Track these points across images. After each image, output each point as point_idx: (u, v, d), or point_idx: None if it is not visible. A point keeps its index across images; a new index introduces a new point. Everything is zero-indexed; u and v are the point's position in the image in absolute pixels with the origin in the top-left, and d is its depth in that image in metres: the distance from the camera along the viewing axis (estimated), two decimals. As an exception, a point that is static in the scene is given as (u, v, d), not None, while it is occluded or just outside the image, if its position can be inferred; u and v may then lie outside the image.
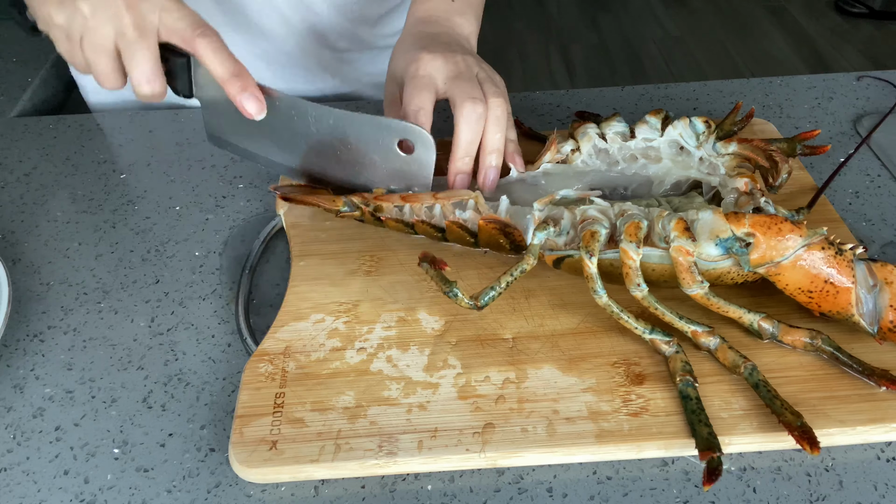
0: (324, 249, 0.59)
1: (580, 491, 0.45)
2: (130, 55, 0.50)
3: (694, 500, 0.44)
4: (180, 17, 0.50)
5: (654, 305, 0.49)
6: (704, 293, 0.49)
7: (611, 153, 0.59)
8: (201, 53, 0.51)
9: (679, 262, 0.48)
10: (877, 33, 2.75)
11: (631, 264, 0.49)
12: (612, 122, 0.60)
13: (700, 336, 0.49)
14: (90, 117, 0.79)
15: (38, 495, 0.45)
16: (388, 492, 0.45)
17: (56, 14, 0.49)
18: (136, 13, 0.49)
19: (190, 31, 0.50)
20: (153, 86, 0.52)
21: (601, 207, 0.53)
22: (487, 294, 0.50)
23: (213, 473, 0.46)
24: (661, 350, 0.49)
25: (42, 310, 0.57)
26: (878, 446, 0.46)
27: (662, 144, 0.59)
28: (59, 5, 0.49)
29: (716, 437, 0.44)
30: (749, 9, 2.96)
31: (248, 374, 0.49)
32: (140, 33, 0.49)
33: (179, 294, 0.58)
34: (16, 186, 0.70)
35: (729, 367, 0.48)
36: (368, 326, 0.53)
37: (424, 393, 0.48)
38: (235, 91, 0.51)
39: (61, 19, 0.49)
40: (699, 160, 0.58)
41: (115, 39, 0.50)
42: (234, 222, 0.65)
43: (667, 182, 0.58)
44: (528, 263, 0.51)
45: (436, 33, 0.63)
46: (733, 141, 0.57)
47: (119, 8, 0.48)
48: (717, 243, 0.48)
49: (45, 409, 0.50)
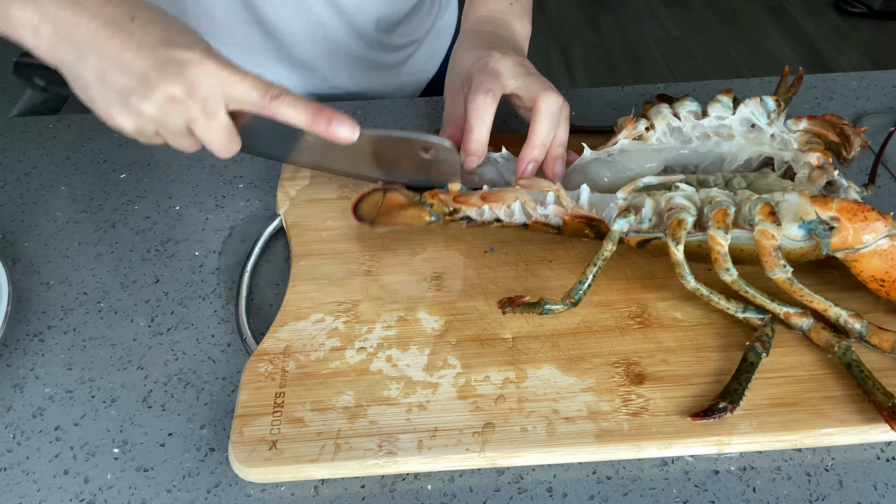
0: (324, 249, 0.59)
1: (580, 491, 0.45)
2: (206, 136, 0.51)
3: (694, 500, 0.44)
4: (246, 89, 0.50)
5: (744, 288, 0.49)
6: (787, 277, 0.49)
7: (684, 131, 0.60)
8: (280, 115, 0.51)
9: (762, 245, 0.49)
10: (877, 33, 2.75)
11: (720, 250, 0.49)
12: (685, 102, 0.61)
13: (793, 317, 0.49)
14: (90, 117, 0.79)
15: (37, 495, 0.45)
16: (388, 491, 0.45)
17: (125, 123, 0.50)
18: (200, 100, 0.49)
19: (262, 100, 0.51)
20: (231, 150, 0.53)
21: (687, 194, 0.53)
22: (578, 290, 0.51)
23: (212, 473, 0.46)
24: (753, 325, 0.50)
25: (42, 310, 0.57)
26: (878, 446, 0.46)
27: (734, 122, 0.59)
28: (124, 115, 0.49)
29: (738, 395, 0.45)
30: (749, 9, 2.96)
31: (247, 373, 0.49)
32: (209, 117, 0.50)
33: (179, 294, 0.58)
34: (16, 186, 0.70)
35: (823, 347, 0.49)
36: (368, 326, 0.53)
37: (424, 393, 0.48)
38: (325, 129, 0.52)
39: (131, 126, 0.50)
40: (771, 137, 0.58)
41: (189, 126, 0.51)
42: (234, 222, 0.65)
43: (739, 158, 0.59)
44: (608, 250, 0.51)
45: (498, 34, 0.66)
46: (803, 118, 0.58)
47: (182, 101, 0.49)
48: (800, 225, 0.49)
49: (44, 409, 0.50)
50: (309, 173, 0.66)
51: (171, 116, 0.49)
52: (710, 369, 0.49)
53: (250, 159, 0.71)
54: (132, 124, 0.50)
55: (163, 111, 0.49)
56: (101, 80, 0.48)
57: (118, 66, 0.48)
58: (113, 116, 0.50)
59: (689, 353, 0.50)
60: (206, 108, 0.50)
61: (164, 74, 0.48)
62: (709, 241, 0.50)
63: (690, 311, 0.53)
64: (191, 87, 0.48)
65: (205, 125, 0.50)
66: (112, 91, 0.48)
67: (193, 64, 0.48)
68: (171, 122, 0.50)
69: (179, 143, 0.52)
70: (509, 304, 0.52)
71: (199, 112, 0.50)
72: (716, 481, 0.45)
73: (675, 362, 0.49)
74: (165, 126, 0.50)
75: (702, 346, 0.50)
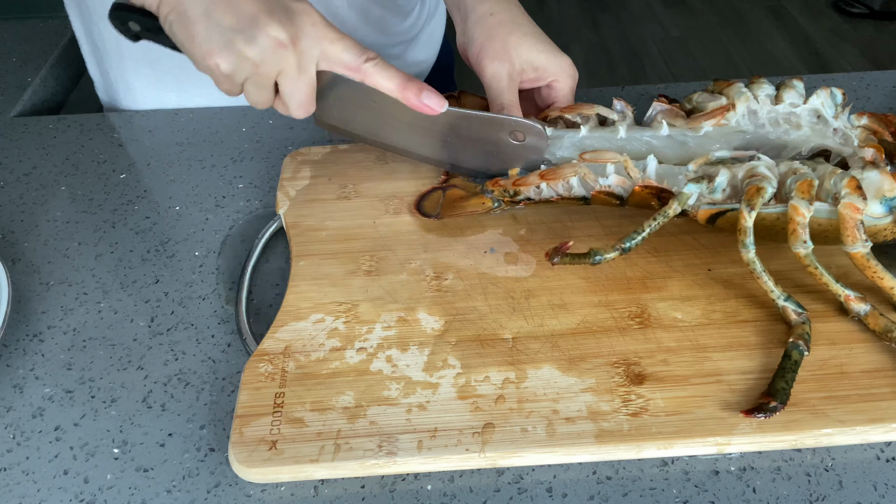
0: (324, 249, 0.59)
1: (580, 491, 0.45)
2: (290, 89, 0.52)
3: (693, 500, 0.44)
4: (344, 48, 0.51)
5: (814, 265, 0.50)
6: (866, 252, 0.49)
7: (760, 115, 0.60)
8: (371, 78, 0.52)
9: (847, 219, 0.49)
10: (877, 33, 2.75)
11: (800, 220, 0.49)
12: (763, 84, 0.60)
13: (852, 301, 0.50)
14: (90, 117, 0.79)
15: (37, 495, 0.45)
16: (388, 492, 0.45)
17: (223, 62, 0.49)
18: (300, 52, 0.50)
19: (356, 61, 0.52)
20: (307, 110, 0.54)
21: (768, 164, 0.53)
22: (632, 238, 0.51)
23: (212, 473, 0.46)
24: (788, 318, 0.50)
25: (42, 310, 0.57)
26: (878, 446, 0.46)
27: (804, 112, 0.59)
28: (224, 55, 0.49)
29: (786, 394, 0.45)
30: (749, 9, 2.96)
31: (247, 374, 0.49)
32: (301, 70, 0.51)
33: (179, 294, 0.58)
34: (16, 186, 0.70)
35: (879, 333, 0.49)
36: (368, 326, 0.53)
37: (424, 393, 0.48)
38: (414, 97, 0.53)
39: (227, 67, 0.50)
40: (834, 130, 0.59)
41: (278, 77, 0.51)
42: (234, 222, 0.65)
43: (803, 148, 0.59)
44: (672, 209, 0.52)
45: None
46: (865, 114, 0.59)
47: (286, 50, 0.49)
48: (881, 201, 0.50)
49: (44, 409, 0.50)
50: (309, 173, 0.66)
51: (268, 62, 0.49)
52: (710, 369, 0.49)
53: (250, 159, 0.71)
54: (228, 65, 0.49)
55: (263, 55, 0.49)
56: (208, 16, 0.48)
57: (228, 3, 0.48)
58: (212, 53, 0.49)
59: (689, 353, 0.50)
60: (300, 61, 0.50)
61: (273, 18, 0.48)
62: (790, 212, 0.50)
63: (690, 311, 0.53)
64: (296, 35, 0.49)
65: (295, 78, 0.51)
66: (217, 29, 0.48)
67: (301, 14, 0.49)
68: (265, 68, 0.50)
69: (259, 96, 0.52)
70: (555, 253, 0.52)
71: (294, 63, 0.50)
72: (716, 481, 0.45)
73: (675, 362, 0.49)
74: (258, 72, 0.50)
75: (702, 346, 0.50)
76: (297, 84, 0.51)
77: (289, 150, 0.72)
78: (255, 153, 0.72)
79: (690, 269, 0.56)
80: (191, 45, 0.50)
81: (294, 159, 0.68)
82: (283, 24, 0.49)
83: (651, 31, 2.84)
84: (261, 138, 0.74)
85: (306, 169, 0.66)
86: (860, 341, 0.50)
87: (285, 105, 0.54)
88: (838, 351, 0.49)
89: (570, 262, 0.52)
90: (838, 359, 0.49)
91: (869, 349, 0.49)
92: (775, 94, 0.60)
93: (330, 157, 0.68)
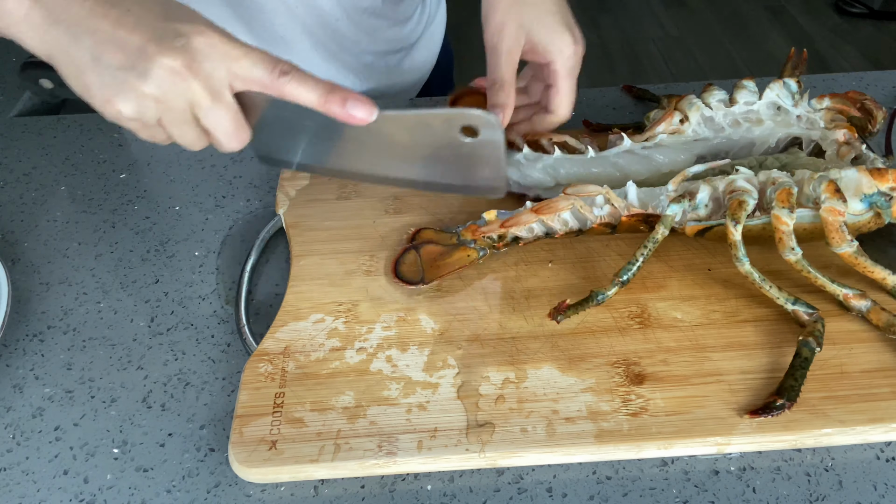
0: (324, 249, 0.59)
1: (580, 491, 0.45)
2: (210, 120, 0.47)
3: (693, 500, 0.44)
4: (252, 63, 0.46)
5: (807, 269, 0.50)
6: (853, 251, 0.50)
7: (716, 120, 0.61)
8: (288, 93, 0.48)
9: (829, 222, 0.50)
10: (877, 33, 2.75)
11: (784, 229, 0.50)
12: (713, 91, 0.62)
13: (851, 299, 0.50)
14: (90, 117, 0.79)
15: (37, 495, 0.45)
16: (388, 492, 0.45)
17: (123, 107, 0.45)
18: (203, 77, 0.45)
19: (269, 76, 0.47)
20: (239, 139, 0.49)
21: (747, 176, 0.54)
22: (627, 270, 0.52)
23: (212, 473, 0.46)
24: (801, 320, 0.50)
25: (42, 310, 0.57)
26: (878, 446, 0.46)
27: (762, 107, 0.61)
28: (122, 98, 0.45)
29: (795, 392, 0.45)
30: (749, 9, 2.96)
31: (247, 373, 0.49)
32: (213, 96, 0.46)
33: (179, 294, 0.58)
34: (15, 186, 0.69)
35: (882, 328, 0.50)
36: (368, 326, 0.53)
37: (424, 393, 0.48)
38: (338, 107, 0.48)
39: (130, 110, 0.46)
40: (797, 118, 0.60)
41: (192, 109, 0.47)
42: (234, 222, 0.64)
43: (770, 141, 0.60)
44: (660, 234, 0.52)
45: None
46: (826, 96, 0.59)
47: (184, 78, 0.45)
48: (861, 199, 0.51)
49: (44, 409, 0.50)
50: (309, 173, 0.66)
51: (172, 95, 0.45)
52: (709, 369, 0.49)
53: (250, 159, 0.71)
54: (131, 108, 0.46)
55: (162, 88, 0.45)
56: (97, 62, 0.45)
57: (113, 42, 0.44)
58: (111, 101, 0.45)
59: (689, 353, 0.50)
60: (209, 86, 0.46)
61: (163, 46, 0.44)
62: (773, 222, 0.50)
63: (690, 311, 0.53)
64: (192, 59, 0.45)
65: (209, 107, 0.47)
66: (108, 72, 0.45)
67: (194, 34, 0.45)
68: (172, 102, 0.46)
69: (184, 135, 0.48)
70: (557, 312, 0.51)
71: (202, 91, 0.46)
72: (716, 481, 0.45)
73: (674, 362, 0.49)
74: (168, 109, 0.47)
75: (702, 346, 0.50)
76: (215, 112, 0.47)
77: (289, 150, 0.72)
78: (255, 153, 0.72)
79: (690, 269, 0.56)
80: (89, 96, 0.46)
81: (294, 159, 0.68)
82: (174, 50, 0.44)
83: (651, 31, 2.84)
84: (261, 138, 0.74)
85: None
86: (860, 341, 0.50)
87: (214, 139, 0.49)
88: (838, 351, 0.49)
89: (575, 312, 0.52)
90: (838, 359, 0.49)
91: (869, 349, 0.49)
92: (728, 97, 0.61)
93: (330, 157, 0.68)
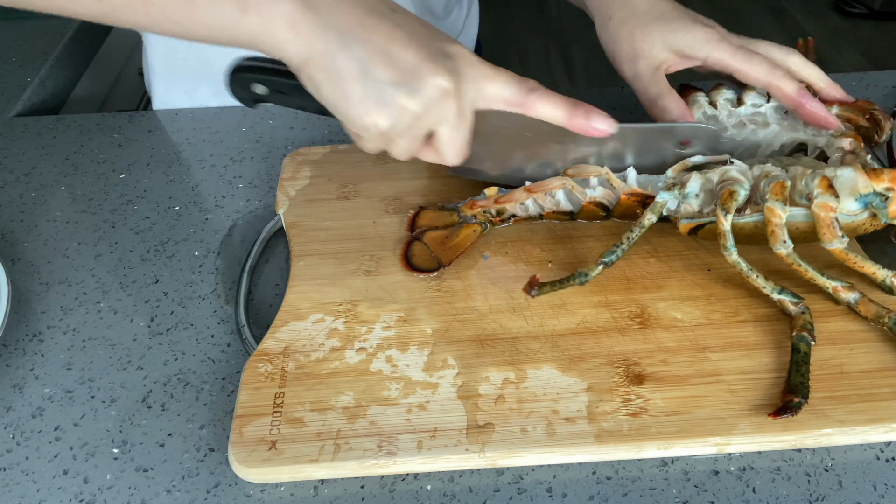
0: (324, 249, 0.59)
1: (580, 491, 0.45)
2: (449, 137, 0.48)
3: (693, 500, 0.44)
4: (504, 84, 0.48)
5: (797, 262, 0.51)
6: (844, 247, 0.50)
7: (720, 120, 0.61)
8: (535, 109, 0.49)
9: (821, 218, 0.50)
10: (877, 33, 2.75)
11: (777, 222, 0.50)
12: (721, 90, 0.61)
13: (840, 291, 0.51)
14: (90, 117, 0.79)
15: (37, 495, 0.45)
16: (388, 492, 0.45)
17: (381, 120, 0.46)
18: (460, 98, 0.46)
19: (519, 95, 0.48)
20: (463, 155, 0.50)
21: (741, 169, 0.54)
22: (612, 252, 0.53)
23: (212, 473, 0.46)
24: (787, 310, 0.51)
25: (41, 310, 0.57)
26: (878, 446, 0.46)
27: (769, 110, 0.60)
28: (383, 112, 0.45)
29: (805, 388, 0.46)
30: (749, 9, 2.96)
31: (247, 373, 0.49)
32: (461, 116, 0.47)
33: (179, 294, 0.58)
34: (15, 186, 0.70)
35: (871, 319, 0.50)
36: (368, 326, 0.53)
37: (424, 393, 0.48)
38: (583, 122, 0.50)
39: (385, 123, 0.46)
40: (804, 123, 0.59)
41: (436, 126, 0.48)
42: (234, 222, 0.64)
43: (775, 145, 0.60)
44: (647, 219, 0.53)
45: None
46: (835, 104, 0.59)
47: (447, 97, 0.46)
48: (856, 198, 0.51)
49: (44, 409, 0.50)
50: (309, 173, 0.66)
51: (430, 113, 0.46)
52: (709, 369, 0.49)
53: (250, 159, 0.71)
54: (387, 121, 0.46)
55: (426, 106, 0.45)
56: (364, 73, 0.44)
57: (386, 56, 0.44)
58: (368, 113, 0.45)
59: (689, 353, 0.50)
60: (461, 107, 0.47)
61: (436, 67, 0.45)
62: (766, 214, 0.50)
63: (690, 311, 0.53)
64: (458, 80, 0.46)
65: (455, 126, 0.47)
66: (375, 85, 0.45)
67: (459, 57, 0.46)
68: (427, 120, 0.46)
69: (407, 147, 0.49)
70: (531, 287, 0.52)
71: (454, 110, 0.46)
72: (715, 481, 0.45)
73: (674, 362, 0.49)
74: (417, 125, 0.47)
75: (701, 346, 0.50)
76: (458, 131, 0.48)
77: (288, 149, 0.72)
78: (255, 153, 0.72)
79: (690, 269, 0.56)
80: (345, 105, 0.46)
81: (294, 159, 0.68)
82: (446, 71, 0.45)
83: (651, 31, 2.84)
84: (261, 138, 0.74)
85: (306, 169, 0.66)
86: (860, 341, 0.50)
87: (439, 153, 0.49)
88: (838, 351, 0.49)
89: (553, 289, 0.52)
90: (838, 359, 0.49)
91: (869, 349, 0.49)
92: (736, 98, 0.61)
93: (330, 157, 0.68)
